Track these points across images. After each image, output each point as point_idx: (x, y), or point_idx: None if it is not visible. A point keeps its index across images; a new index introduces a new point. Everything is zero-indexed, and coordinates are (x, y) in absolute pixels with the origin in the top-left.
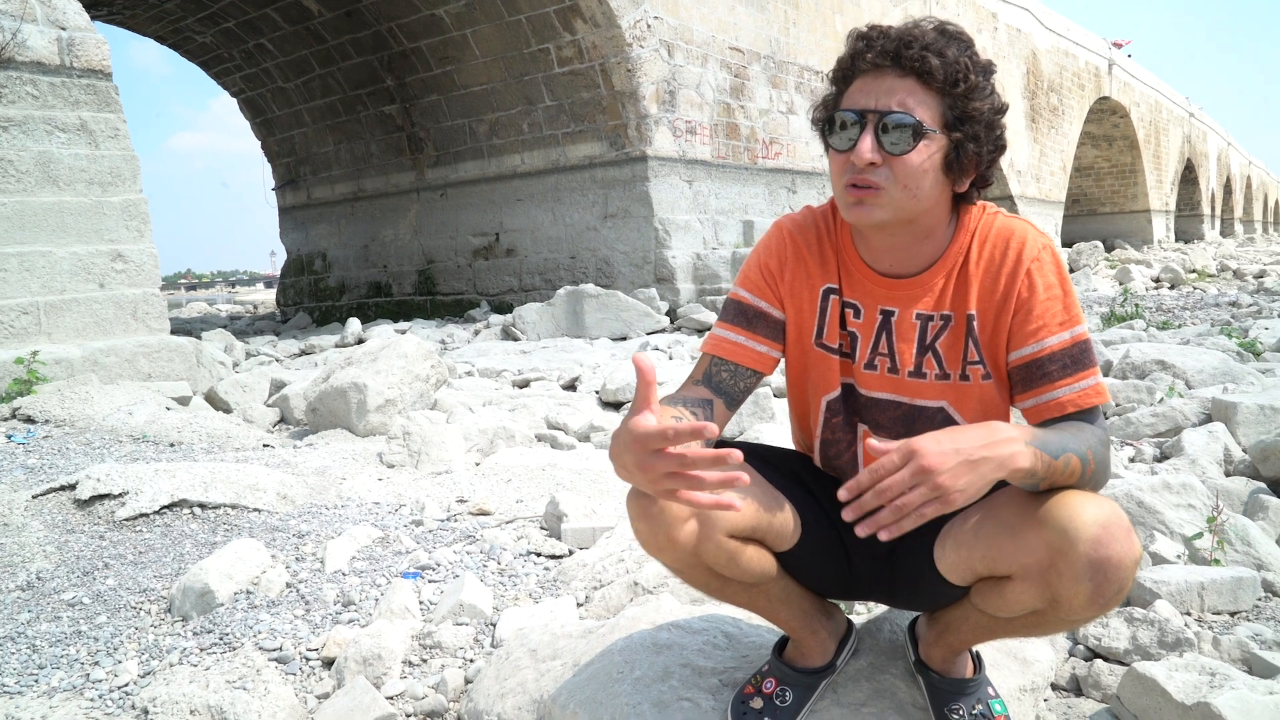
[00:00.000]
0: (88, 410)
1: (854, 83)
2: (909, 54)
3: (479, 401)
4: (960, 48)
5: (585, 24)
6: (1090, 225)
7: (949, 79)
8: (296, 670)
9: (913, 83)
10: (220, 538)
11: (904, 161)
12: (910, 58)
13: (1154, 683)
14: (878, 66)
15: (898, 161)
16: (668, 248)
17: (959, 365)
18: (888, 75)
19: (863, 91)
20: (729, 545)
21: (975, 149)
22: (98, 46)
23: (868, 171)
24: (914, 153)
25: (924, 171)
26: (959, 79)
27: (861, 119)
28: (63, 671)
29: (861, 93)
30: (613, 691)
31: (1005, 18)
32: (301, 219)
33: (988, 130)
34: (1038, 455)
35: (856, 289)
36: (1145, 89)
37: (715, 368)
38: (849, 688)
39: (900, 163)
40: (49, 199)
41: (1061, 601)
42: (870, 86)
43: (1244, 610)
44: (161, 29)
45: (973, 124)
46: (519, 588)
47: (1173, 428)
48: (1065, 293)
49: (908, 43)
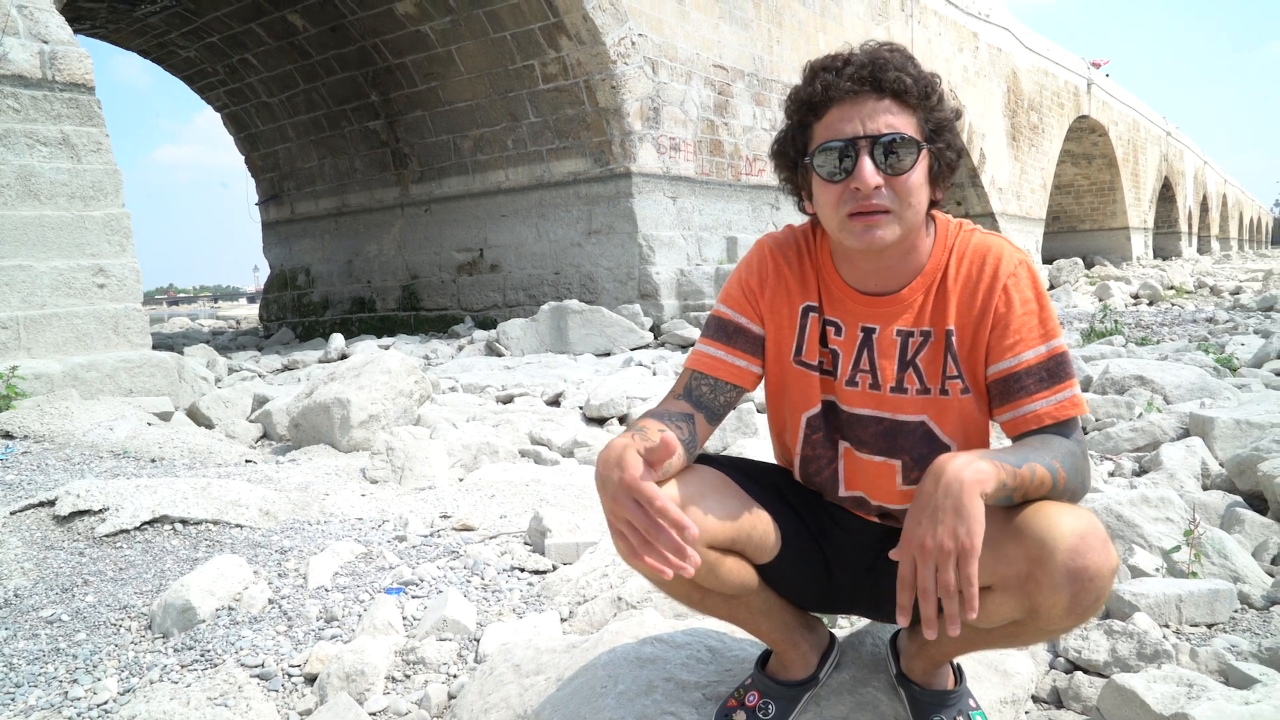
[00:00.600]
0: (67, 426)
1: (829, 112)
2: (889, 76)
3: (463, 417)
4: (915, 63)
5: (570, 41)
6: (1070, 242)
7: (922, 93)
8: (279, 687)
9: (890, 103)
10: (202, 554)
11: (905, 179)
12: (889, 79)
13: (1133, 694)
14: (855, 93)
15: (899, 181)
16: (651, 264)
17: (939, 380)
18: (867, 99)
19: (844, 119)
20: (709, 556)
21: (951, 155)
22: (80, 60)
23: (874, 196)
24: (915, 169)
25: (921, 185)
26: (929, 92)
27: (854, 145)
28: (40, 689)
29: (844, 120)
30: (596, 706)
31: (986, 37)
32: (285, 234)
33: (953, 135)
34: (999, 467)
35: (837, 307)
36: (1123, 108)
37: (696, 382)
38: (831, 700)
39: (901, 181)
40: (29, 213)
41: (1040, 611)
42: (851, 113)
43: (1221, 622)
44: (145, 43)
45: (946, 132)
46: (503, 603)
47: (1151, 442)
48: (1041, 307)
49: (881, 65)
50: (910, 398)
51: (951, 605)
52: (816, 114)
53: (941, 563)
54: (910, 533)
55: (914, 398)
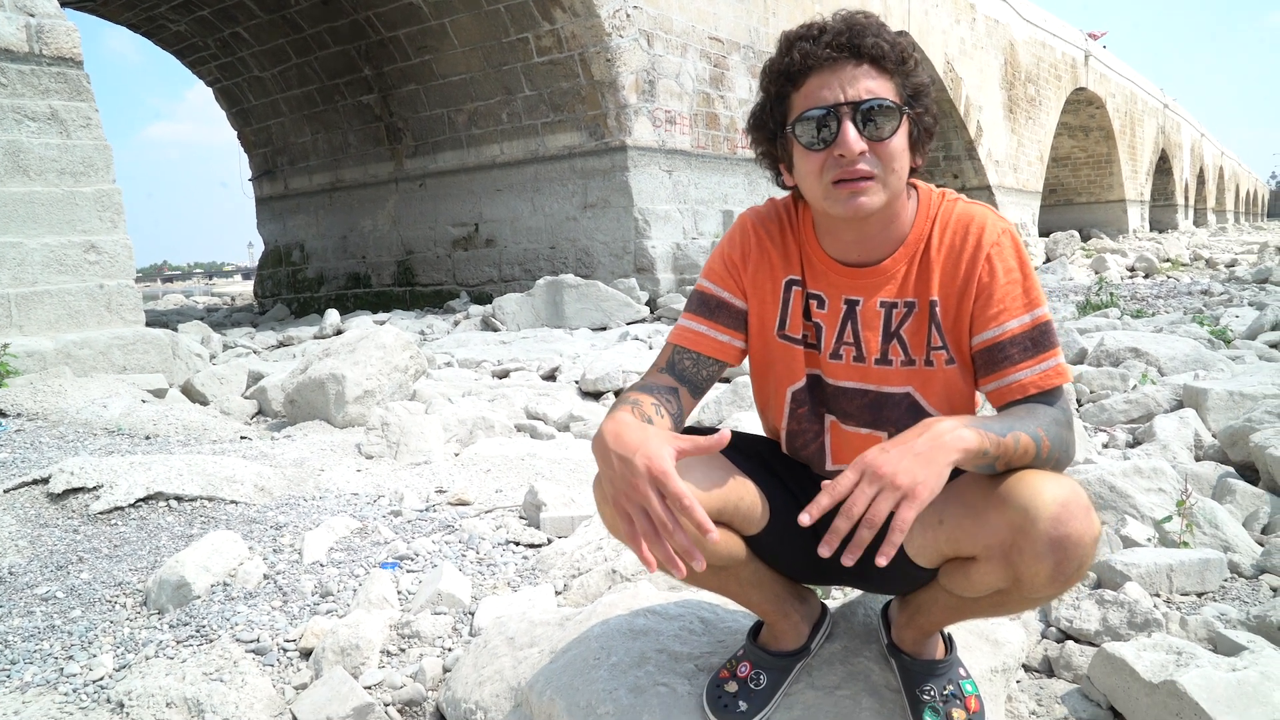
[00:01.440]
0: (61, 403)
1: (808, 81)
2: (866, 42)
3: (458, 392)
4: (888, 29)
5: (564, 13)
6: (1067, 215)
7: (899, 59)
8: (274, 661)
9: (869, 68)
10: (197, 530)
11: (888, 145)
12: (868, 45)
13: (1123, 663)
14: (834, 59)
15: (882, 146)
16: (647, 238)
17: (923, 351)
18: (845, 66)
19: (824, 86)
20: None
21: (929, 120)
22: (68, 34)
23: (859, 161)
24: (897, 134)
25: (903, 150)
26: (904, 57)
27: (836, 112)
28: (36, 666)
29: (824, 88)
30: (589, 678)
31: (983, 9)
32: (279, 210)
33: (929, 100)
34: (983, 435)
35: (820, 280)
36: (1121, 80)
37: (679, 356)
38: (823, 670)
39: (884, 146)
40: (19, 189)
41: (1024, 579)
42: (830, 80)
43: (1211, 591)
44: (134, 17)
45: (924, 97)
46: (497, 577)
47: (1145, 414)
48: (1025, 276)
49: (859, 31)
50: (895, 369)
51: (866, 533)
52: (795, 83)
53: (885, 494)
54: (872, 454)
55: (899, 369)
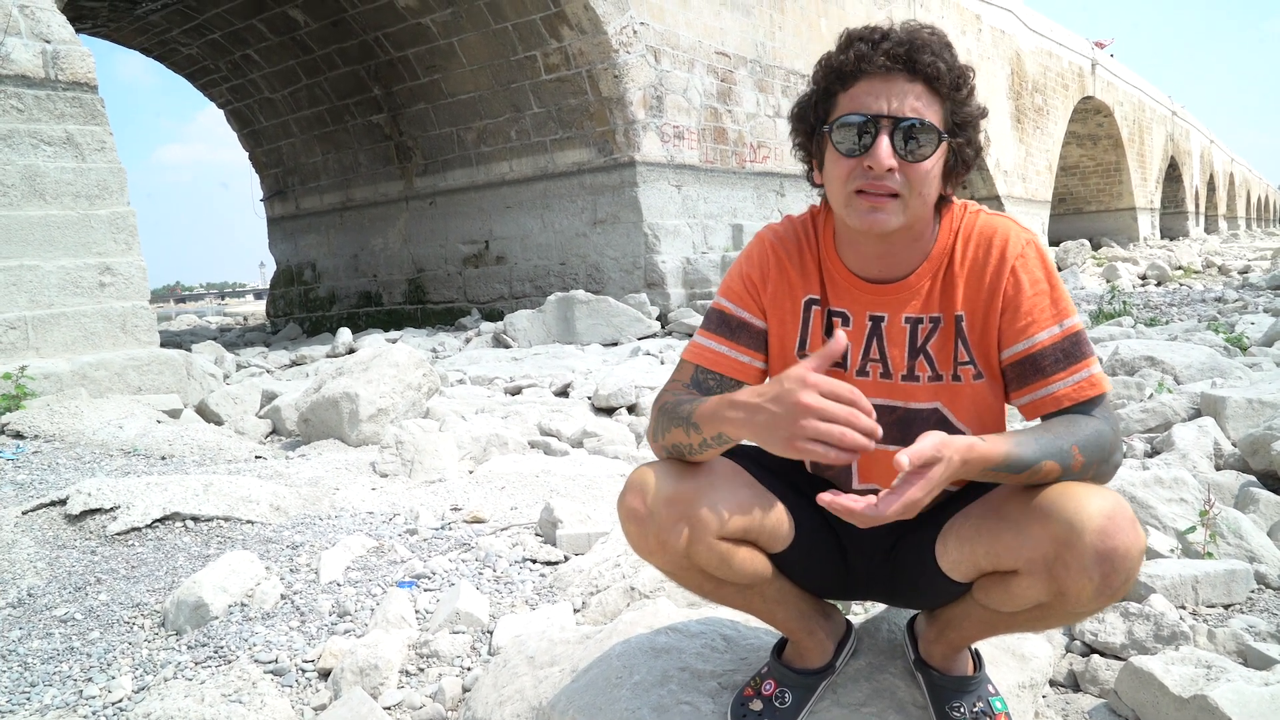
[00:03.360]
0: (77, 425)
1: (857, 84)
2: (924, 59)
3: (471, 409)
4: (952, 51)
5: (572, 31)
6: (1077, 224)
7: (953, 84)
8: (293, 682)
9: (921, 87)
10: (213, 550)
11: (919, 168)
12: (924, 63)
13: (1151, 677)
14: (888, 70)
15: (913, 168)
16: (657, 252)
17: (950, 366)
18: (898, 79)
19: (871, 94)
20: (720, 547)
21: (970, 152)
22: (83, 59)
23: (886, 178)
24: (931, 159)
25: (934, 177)
26: (960, 84)
27: (875, 123)
28: (55, 689)
29: (870, 95)
30: (612, 697)
31: (989, 19)
32: (290, 229)
33: (975, 133)
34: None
35: (843, 297)
36: (1128, 88)
37: (703, 376)
38: (848, 688)
39: (916, 169)
40: (35, 213)
41: (1068, 594)
42: (879, 89)
43: (1238, 603)
44: (147, 41)
45: (969, 129)
46: (515, 595)
47: (1163, 423)
48: (1052, 286)
49: (918, 47)
50: (922, 385)
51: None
52: (844, 84)
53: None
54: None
55: (926, 385)
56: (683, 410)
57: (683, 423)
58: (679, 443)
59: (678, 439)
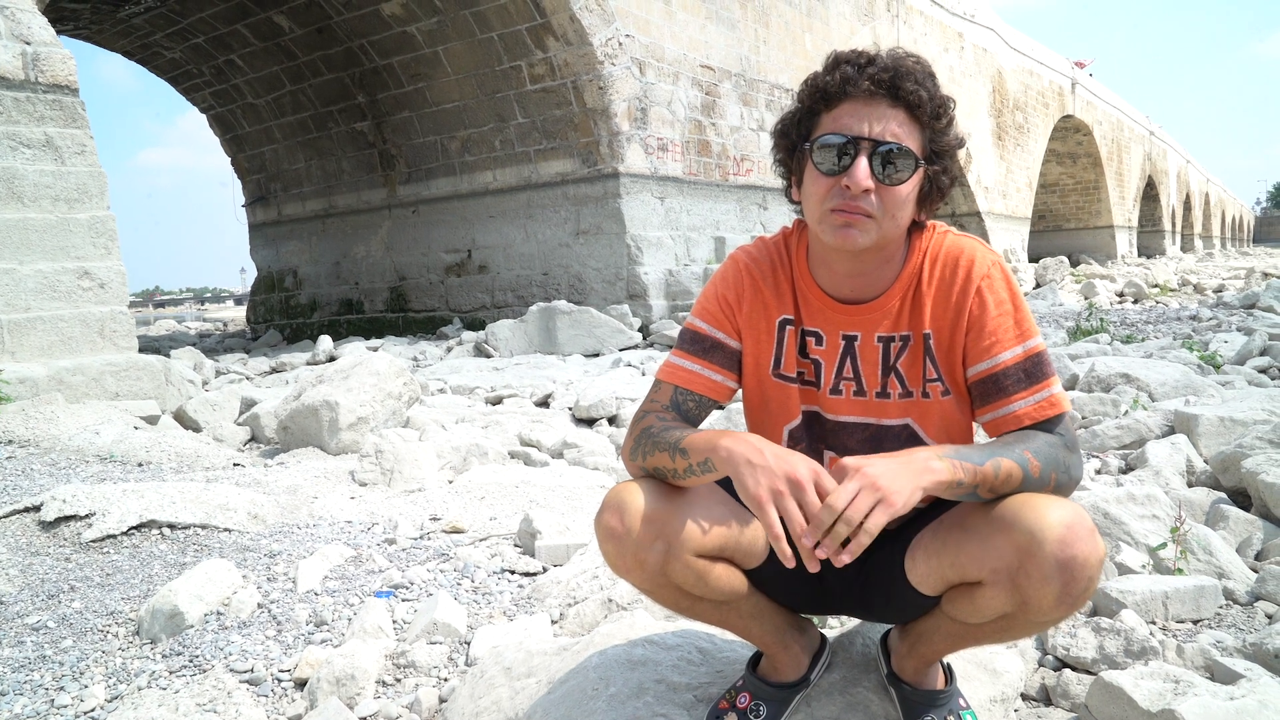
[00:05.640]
0: (53, 430)
1: (840, 106)
2: (907, 86)
3: (452, 419)
4: (935, 81)
5: (557, 42)
6: (1056, 241)
7: (933, 112)
8: (268, 692)
9: (903, 114)
10: (190, 558)
11: (895, 191)
12: (907, 90)
13: (1120, 691)
14: (871, 94)
15: (889, 191)
16: (640, 264)
17: (919, 383)
18: (880, 103)
19: (854, 116)
20: (697, 565)
21: (945, 180)
22: (63, 62)
23: (861, 199)
24: (907, 184)
25: (909, 201)
26: (940, 113)
27: (856, 144)
28: (26, 698)
29: (853, 118)
30: (587, 709)
31: (971, 37)
32: (272, 236)
33: (953, 162)
34: (956, 465)
35: (816, 317)
36: (1107, 107)
37: (681, 397)
38: (822, 701)
39: (892, 192)
40: (13, 215)
41: (1031, 603)
42: (861, 112)
43: (1206, 618)
44: (129, 44)
45: (946, 158)
46: (493, 605)
47: (1137, 440)
48: (1016, 307)
49: (903, 74)
50: (893, 402)
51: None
52: (828, 104)
53: (864, 493)
54: (859, 459)
55: (896, 401)
56: (670, 436)
57: (669, 448)
58: (662, 467)
59: (661, 463)
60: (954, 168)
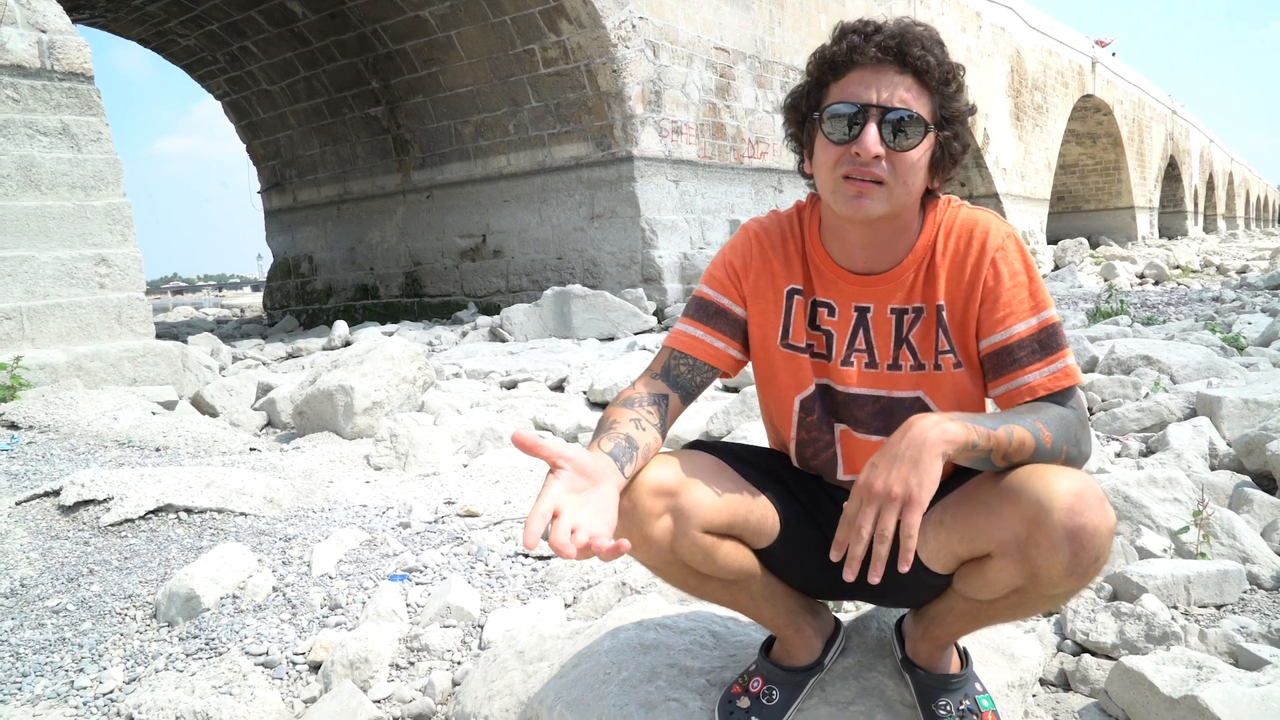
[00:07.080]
0: (72, 415)
1: (848, 75)
2: (914, 52)
3: (466, 403)
4: (942, 47)
5: (570, 25)
6: (1075, 222)
7: (942, 78)
8: (283, 675)
9: (911, 80)
10: (206, 542)
11: (906, 157)
12: (915, 56)
13: (1142, 676)
14: (879, 61)
15: (900, 157)
16: (654, 248)
17: (932, 355)
18: (888, 70)
19: (862, 84)
20: (704, 541)
21: (956, 146)
22: (79, 49)
23: (872, 165)
24: (917, 149)
25: (920, 167)
26: (949, 79)
27: (865, 112)
28: (46, 679)
29: (861, 85)
30: (600, 693)
31: (989, 16)
32: (288, 222)
33: (963, 128)
34: (970, 428)
35: (829, 288)
36: (1128, 86)
37: (674, 361)
38: (836, 686)
39: (902, 158)
40: (31, 203)
41: (1040, 574)
42: (870, 80)
43: (1230, 603)
44: (144, 32)
45: (957, 123)
46: (507, 589)
47: (1158, 422)
48: (1030, 279)
49: (910, 40)
50: (905, 374)
51: (882, 549)
52: (836, 74)
53: (886, 508)
54: (864, 476)
55: (908, 374)
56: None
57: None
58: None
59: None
60: (965, 133)
